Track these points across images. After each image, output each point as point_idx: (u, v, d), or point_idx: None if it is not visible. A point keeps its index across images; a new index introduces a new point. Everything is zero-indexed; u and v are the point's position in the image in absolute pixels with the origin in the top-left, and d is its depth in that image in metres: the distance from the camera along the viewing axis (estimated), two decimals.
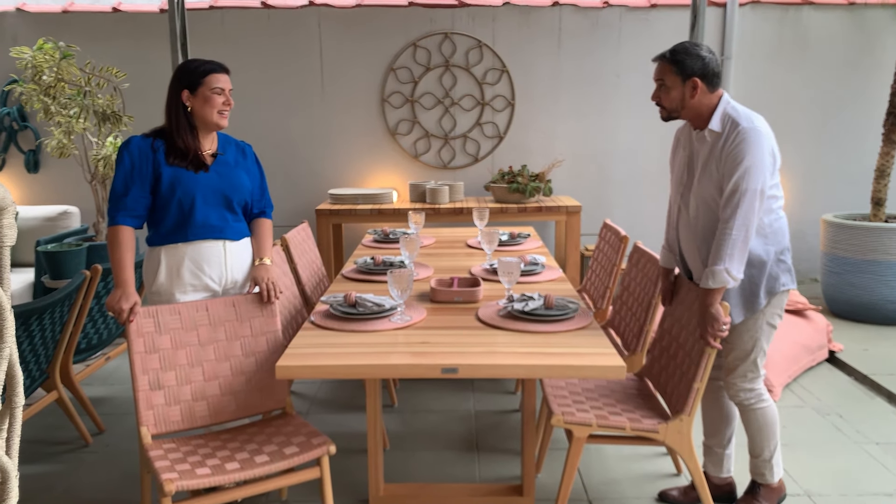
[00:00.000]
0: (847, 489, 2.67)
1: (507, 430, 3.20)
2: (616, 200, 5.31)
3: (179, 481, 1.93)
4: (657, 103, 2.33)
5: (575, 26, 5.09)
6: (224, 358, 2.35)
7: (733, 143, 2.18)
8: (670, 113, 2.32)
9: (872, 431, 3.13)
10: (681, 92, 2.26)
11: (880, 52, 5.08)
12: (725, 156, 2.19)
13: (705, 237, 2.31)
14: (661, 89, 2.30)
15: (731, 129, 2.20)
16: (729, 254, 2.16)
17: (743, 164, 2.15)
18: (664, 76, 2.28)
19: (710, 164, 2.25)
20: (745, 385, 2.37)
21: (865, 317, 4.52)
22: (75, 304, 2.85)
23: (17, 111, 5.11)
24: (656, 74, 2.31)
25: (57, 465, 2.91)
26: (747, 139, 2.16)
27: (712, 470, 2.60)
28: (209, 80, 2.37)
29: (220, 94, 2.40)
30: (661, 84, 2.30)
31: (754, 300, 2.30)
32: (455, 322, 2.33)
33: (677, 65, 2.24)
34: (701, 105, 2.27)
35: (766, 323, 2.33)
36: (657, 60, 2.31)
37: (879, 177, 4.59)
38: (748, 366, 2.35)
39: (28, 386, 2.78)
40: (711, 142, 2.25)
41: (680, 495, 2.60)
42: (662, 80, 2.29)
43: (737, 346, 2.36)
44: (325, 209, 4.70)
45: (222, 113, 2.41)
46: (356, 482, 2.74)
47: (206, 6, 5.08)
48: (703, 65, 2.23)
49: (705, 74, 2.24)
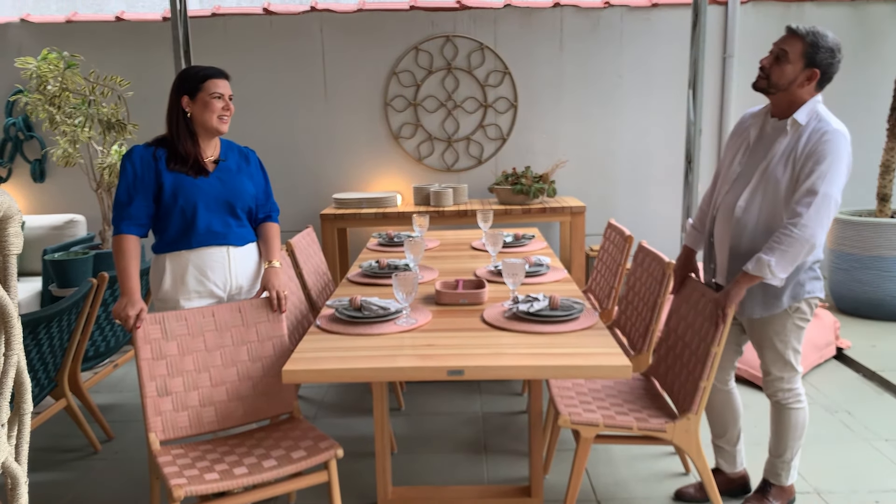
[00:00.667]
0: (857, 486, 2.65)
1: (514, 431, 3.19)
2: (621, 200, 5.30)
3: (188, 486, 1.93)
4: (763, 69, 2.19)
5: (576, 27, 5.09)
6: (231, 363, 2.36)
7: (819, 141, 2.10)
8: (769, 87, 2.20)
9: (882, 428, 3.12)
10: (797, 73, 2.15)
11: (883, 47, 5.07)
12: (808, 152, 2.11)
13: (746, 226, 2.24)
14: (777, 59, 2.16)
15: (819, 127, 2.13)
16: (783, 250, 2.09)
17: (824, 163, 2.08)
18: (790, 47, 2.14)
19: (789, 159, 2.16)
20: (784, 385, 2.35)
21: (873, 313, 4.50)
22: (82, 312, 2.87)
23: (22, 121, 5.14)
24: (781, 43, 2.16)
25: (66, 472, 2.93)
26: (834, 140, 2.09)
27: (726, 467, 2.60)
28: (208, 85, 2.38)
29: (220, 99, 2.40)
30: (781, 53, 2.15)
31: (775, 301, 2.26)
32: (460, 324, 2.33)
33: (812, 47, 2.12)
34: (801, 97, 2.18)
35: (794, 324, 2.29)
36: (793, 30, 2.15)
37: (884, 172, 4.57)
38: (784, 366, 2.33)
39: (37, 394, 2.79)
40: (793, 134, 2.18)
41: (696, 492, 2.59)
42: (786, 51, 2.14)
43: (764, 346, 2.34)
44: (330, 214, 4.71)
45: (222, 118, 2.42)
46: (364, 485, 2.74)
47: (209, 14, 5.11)
48: (830, 63, 2.14)
49: (827, 71, 2.16)
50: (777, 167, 2.20)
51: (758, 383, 3.49)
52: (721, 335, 2.17)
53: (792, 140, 2.19)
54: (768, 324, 2.31)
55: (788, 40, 2.17)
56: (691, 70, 4.62)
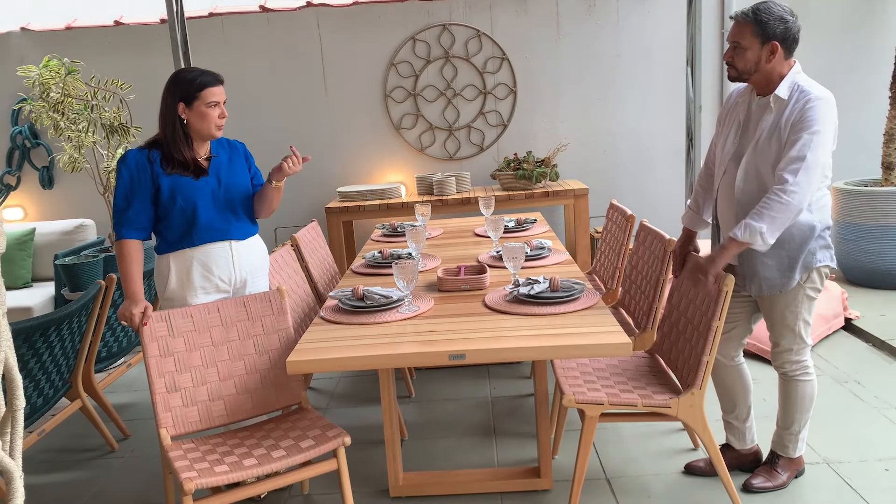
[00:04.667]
0: (867, 455, 2.66)
1: (523, 414, 3.22)
2: (623, 180, 5.29)
3: (199, 479, 1.97)
4: (728, 63, 2.23)
5: (572, 9, 5.07)
6: (238, 357, 2.39)
7: (804, 110, 2.11)
8: (741, 74, 2.23)
9: (891, 396, 3.12)
10: (757, 54, 2.17)
11: (883, 15, 5.01)
12: (793, 122, 2.13)
13: (748, 206, 2.24)
14: (735, 50, 2.20)
15: (801, 97, 2.15)
16: (772, 216, 2.09)
17: (811, 130, 2.09)
18: (741, 37, 2.17)
19: (774, 134, 2.18)
20: (792, 357, 2.36)
21: (881, 283, 4.48)
22: (93, 313, 2.92)
23: (28, 129, 5.20)
24: (732, 35, 2.20)
25: (84, 471, 2.99)
26: (818, 107, 2.10)
27: (736, 443, 2.60)
28: (205, 94, 2.39)
29: (216, 108, 2.41)
30: (735, 45, 2.19)
31: (790, 275, 2.26)
32: (462, 309, 2.36)
33: (760, 25, 2.14)
34: (773, 71, 2.19)
35: (805, 295, 2.30)
36: (736, 18, 2.19)
37: (889, 141, 4.54)
38: (794, 338, 2.33)
39: (51, 396, 2.85)
40: (777, 110, 2.19)
41: (706, 466, 2.61)
42: (738, 42, 2.18)
43: (776, 321, 2.34)
44: (335, 207, 4.74)
45: (219, 126, 2.44)
46: (376, 472, 2.78)
47: (206, 14, 5.13)
48: (785, 28, 2.15)
49: (786, 39, 2.16)
50: (765, 144, 2.21)
51: (766, 357, 3.49)
52: (721, 309, 2.18)
53: (777, 115, 2.20)
54: (781, 296, 2.31)
55: (737, 29, 2.20)
56: (688, 47, 4.60)
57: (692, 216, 2.59)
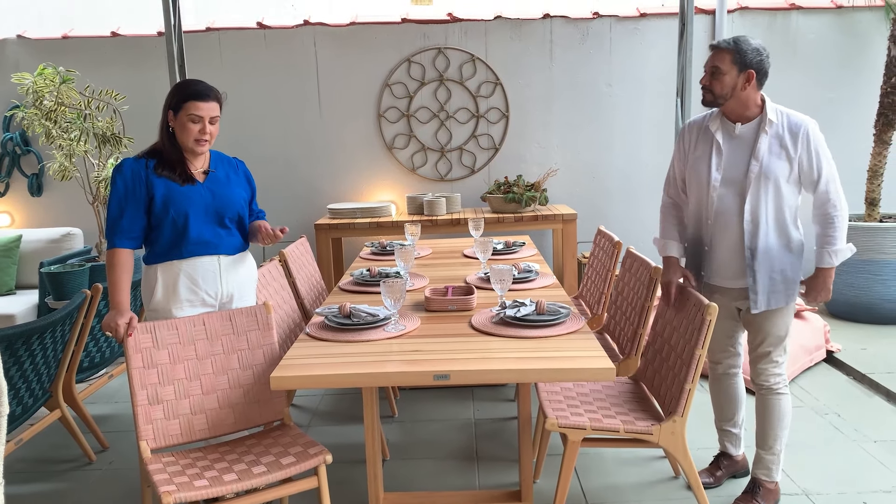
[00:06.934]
0: (845, 487, 2.68)
1: (506, 437, 3.22)
2: (612, 207, 5.34)
3: (177, 493, 1.96)
4: (705, 87, 2.38)
5: (566, 38, 5.15)
6: (222, 371, 2.38)
7: (806, 134, 2.32)
8: (716, 98, 2.38)
9: (871, 430, 3.14)
10: (734, 80, 2.33)
11: (869, 53, 5.12)
12: (802, 146, 2.32)
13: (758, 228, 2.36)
14: (713, 75, 2.36)
15: (793, 121, 2.35)
16: (843, 232, 2.36)
17: (821, 151, 2.33)
18: (721, 62, 2.33)
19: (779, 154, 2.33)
20: (775, 370, 2.47)
21: (863, 317, 4.53)
22: (76, 322, 2.90)
23: (19, 136, 5.19)
24: (711, 61, 2.37)
25: (61, 483, 2.95)
26: (815, 129, 2.34)
27: (732, 449, 2.73)
28: (188, 106, 2.38)
29: (197, 123, 2.39)
30: (714, 70, 2.35)
31: (794, 288, 2.42)
32: (449, 330, 2.36)
33: (739, 53, 2.31)
34: (748, 98, 2.36)
35: (792, 307, 2.47)
36: (716, 47, 2.37)
37: (872, 177, 4.62)
38: (780, 350, 2.47)
39: (31, 405, 2.82)
40: (771, 132, 2.34)
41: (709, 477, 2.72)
42: (718, 67, 2.34)
43: (771, 333, 2.45)
44: (325, 224, 4.75)
45: (198, 141, 2.41)
46: (357, 492, 2.76)
47: (203, 28, 5.17)
48: (759, 60, 2.33)
49: (759, 70, 2.33)
50: (771, 165, 2.34)
51: None
52: (705, 338, 2.20)
53: (773, 137, 2.35)
54: (780, 309, 2.43)
55: (717, 56, 2.37)
56: (679, 78, 4.68)
57: (674, 244, 2.65)
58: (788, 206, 2.38)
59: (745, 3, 5.12)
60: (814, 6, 5.10)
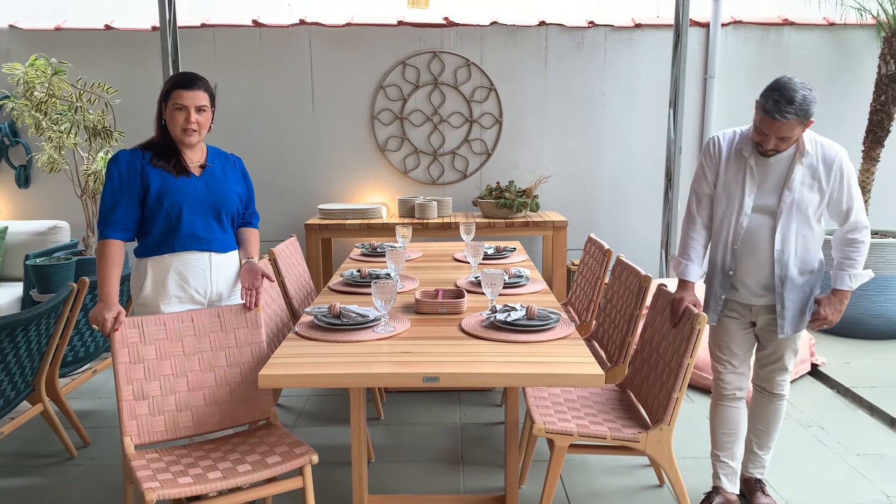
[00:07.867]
0: (828, 500, 2.69)
1: (492, 442, 3.21)
2: (602, 215, 5.37)
3: (161, 490, 1.94)
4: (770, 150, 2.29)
5: (561, 45, 5.18)
6: (209, 368, 2.37)
7: (840, 167, 2.33)
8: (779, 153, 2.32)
9: (854, 443, 3.17)
10: (798, 135, 2.27)
11: (859, 70, 5.18)
12: (835, 174, 2.33)
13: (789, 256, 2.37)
14: (780, 141, 2.25)
15: (826, 151, 2.34)
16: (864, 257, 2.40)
17: (852, 183, 2.36)
18: (790, 132, 2.22)
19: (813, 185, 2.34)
20: (788, 378, 2.56)
21: (849, 331, 4.57)
22: (62, 316, 2.87)
23: (8, 127, 5.14)
24: (779, 131, 2.22)
25: (41, 478, 2.91)
26: (847, 163, 2.35)
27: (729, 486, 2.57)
28: (173, 95, 2.36)
29: (182, 111, 2.37)
30: (784, 138, 2.25)
31: (813, 307, 2.46)
32: (438, 332, 2.36)
33: (804, 115, 2.19)
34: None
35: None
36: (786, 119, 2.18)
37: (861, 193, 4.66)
38: (794, 361, 2.55)
39: (13, 398, 2.78)
40: (806, 163, 2.33)
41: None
42: (788, 136, 2.24)
43: (790, 348, 2.50)
44: (315, 224, 4.73)
45: (186, 130, 2.39)
46: (341, 494, 2.75)
47: (198, 24, 5.14)
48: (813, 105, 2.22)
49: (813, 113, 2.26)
50: (804, 196, 2.34)
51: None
52: (693, 348, 2.21)
53: (807, 168, 2.34)
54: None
55: (786, 127, 2.21)
56: (672, 89, 4.71)
57: (696, 269, 2.53)
58: (815, 234, 2.40)
59: (738, 18, 5.17)
60: (806, 22, 5.15)
